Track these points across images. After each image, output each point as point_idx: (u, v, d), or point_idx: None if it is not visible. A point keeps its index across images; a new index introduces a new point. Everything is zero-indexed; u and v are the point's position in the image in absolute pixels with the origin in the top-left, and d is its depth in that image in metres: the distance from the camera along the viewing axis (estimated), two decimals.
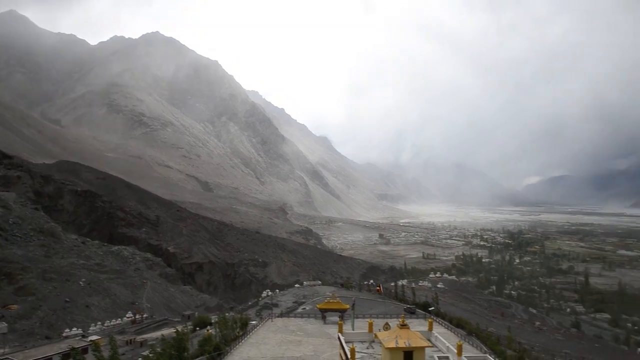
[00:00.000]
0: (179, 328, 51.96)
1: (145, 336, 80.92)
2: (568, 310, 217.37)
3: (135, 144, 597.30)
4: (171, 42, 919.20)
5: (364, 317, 62.06)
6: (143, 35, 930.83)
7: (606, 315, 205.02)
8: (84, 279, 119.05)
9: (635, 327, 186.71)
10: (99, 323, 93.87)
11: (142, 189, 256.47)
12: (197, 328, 74.21)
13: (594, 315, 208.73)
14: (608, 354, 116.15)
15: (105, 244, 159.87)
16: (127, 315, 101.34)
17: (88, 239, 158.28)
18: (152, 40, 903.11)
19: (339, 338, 44.72)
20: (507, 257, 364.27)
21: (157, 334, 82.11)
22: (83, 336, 79.11)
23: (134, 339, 77.45)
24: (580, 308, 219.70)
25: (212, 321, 71.86)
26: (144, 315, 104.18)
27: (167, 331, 79.44)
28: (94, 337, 73.88)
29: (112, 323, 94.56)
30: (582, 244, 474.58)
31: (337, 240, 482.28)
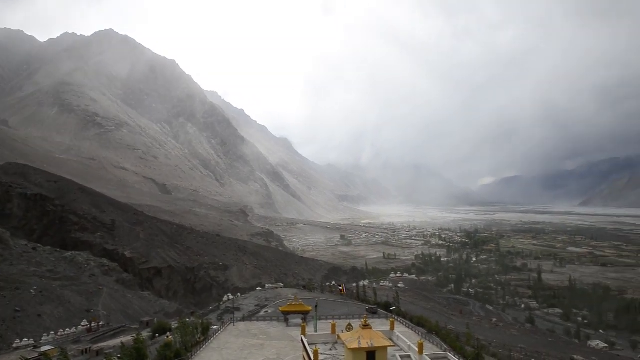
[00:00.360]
0: (138, 335, 50.54)
1: (101, 345, 78.13)
2: (523, 306, 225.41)
3: (88, 146, 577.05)
4: (126, 41, 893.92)
5: (326, 319, 62.20)
6: (96, 33, 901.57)
7: (558, 310, 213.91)
8: (35, 287, 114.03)
9: (585, 321, 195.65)
10: (52, 333, 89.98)
11: (96, 192, 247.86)
12: (157, 335, 72.40)
13: (547, 311, 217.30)
14: (560, 347, 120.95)
15: (58, 249, 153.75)
16: (82, 324, 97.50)
17: (39, 245, 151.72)
18: (106, 38, 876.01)
19: (302, 340, 44.67)
20: (465, 256, 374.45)
21: (114, 342, 79.50)
22: (35, 347, 75.83)
23: (90, 348, 74.62)
24: (534, 304, 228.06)
25: (172, 327, 70.30)
26: (100, 323, 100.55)
27: (125, 339, 76.99)
28: (46, 348, 70.94)
29: (66, 332, 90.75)
30: (534, 242, 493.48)
31: (299, 242, 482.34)
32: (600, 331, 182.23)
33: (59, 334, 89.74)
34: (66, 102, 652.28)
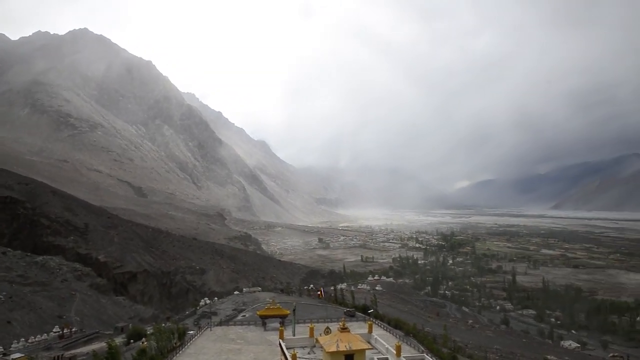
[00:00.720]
0: (111, 341, 49.50)
1: (74, 351, 76.38)
2: (498, 307, 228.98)
3: (61, 147, 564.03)
4: (101, 40, 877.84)
5: (304, 323, 61.98)
6: (70, 32, 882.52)
7: (532, 312, 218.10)
8: (4, 293, 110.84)
9: (558, 322, 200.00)
10: (23, 340, 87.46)
11: (69, 194, 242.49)
12: (132, 340, 71.07)
13: (521, 312, 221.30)
14: (534, 348, 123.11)
15: (29, 254, 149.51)
16: (54, 330, 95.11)
17: (9, 249, 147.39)
18: (81, 37, 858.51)
19: (280, 344, 44.46)
20: (441, 259, 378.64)
21: (87, 348, 77.77)
22: (4, 354, 73.64)
23: (62, 355, 72.90)
24: (508, 305, 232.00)
25: (148, 332, 69.13)
26: (73, 329, 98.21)
27: (99, 345, 75.45)
28: (16, 356, 69.06)
29: (37, 339, 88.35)
30: (509, 245, 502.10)
31: (277, 245, 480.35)
32: (573, 331, 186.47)
33: (29, 341, 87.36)
34: (38, 102, 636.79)
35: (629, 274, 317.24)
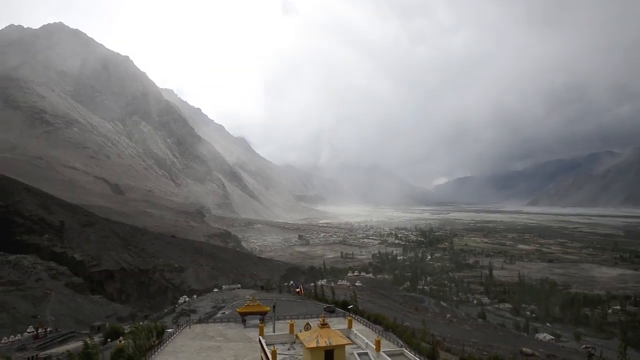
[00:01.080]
0: (90, 340, 48.75)
1: (49, 352, 74.96)
2: (475, 302, 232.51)
3: (35, 144, 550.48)
4: (77, 35, 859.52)
5: (284, 319, 62.08)
6: (44, 26, 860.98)
7: (508, 305, 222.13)
8: None
9: (533, 315, 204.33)
10: None
11: (43, 192, 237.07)
12: (109, 339, 70.01)
13: (498, 306, 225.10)
14: (510, 340, 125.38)
15: (1, 252, 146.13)
16: (28, 330, 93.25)
17: None
18: (56, 31, 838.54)
19: (260, 341, 44.41)
20: (420, 254, 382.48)
21: (62, 348, 76.41)
22: None
23: (37, 355, 71.53)
24: (485, 299, 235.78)
25: (125, 331, 68.27)
26: (48, 329, 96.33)
27: (75, 345, 74.19)
28: None
29: (10, 339, 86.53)
30: (486, 240, 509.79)
31: (257, 242, 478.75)
32: (547, 324, 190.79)
33: (2, 341, 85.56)
34: (11, 98, 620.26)
35: (600, 268, 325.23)
